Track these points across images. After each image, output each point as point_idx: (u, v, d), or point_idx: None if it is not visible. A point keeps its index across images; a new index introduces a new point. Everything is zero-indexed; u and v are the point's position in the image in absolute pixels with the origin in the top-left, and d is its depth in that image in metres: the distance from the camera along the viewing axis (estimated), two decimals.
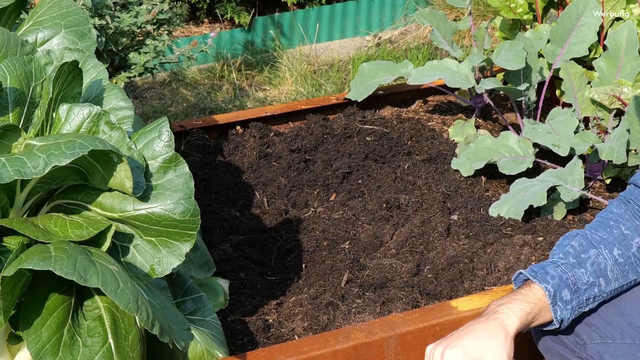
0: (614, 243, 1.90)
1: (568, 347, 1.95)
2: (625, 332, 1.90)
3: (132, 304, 1.62)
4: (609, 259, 1.89)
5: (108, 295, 1.60)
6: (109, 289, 1.60)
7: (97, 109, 1.80)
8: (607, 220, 1.94)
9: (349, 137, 3.00)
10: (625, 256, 1.90)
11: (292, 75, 4.23)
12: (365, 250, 2.47)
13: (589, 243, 1.90)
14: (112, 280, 1.61)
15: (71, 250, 1.62)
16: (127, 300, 1.61)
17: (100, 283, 1.60)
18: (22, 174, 1.61)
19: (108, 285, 1.60)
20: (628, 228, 1.92)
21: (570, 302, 1.86)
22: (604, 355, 1.91)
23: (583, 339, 1.92)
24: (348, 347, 1.98)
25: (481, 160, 2.78)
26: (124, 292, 1.62)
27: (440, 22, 3.14)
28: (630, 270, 1.90)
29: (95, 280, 1.59)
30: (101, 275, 1.61)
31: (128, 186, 1.73)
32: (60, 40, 2.03)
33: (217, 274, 2.30)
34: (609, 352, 1.90)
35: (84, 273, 1.59)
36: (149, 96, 4.15)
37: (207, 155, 2.93)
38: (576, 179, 2.59)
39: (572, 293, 1.86)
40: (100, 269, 1.62)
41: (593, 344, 1.92)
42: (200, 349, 1.90)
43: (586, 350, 1.93)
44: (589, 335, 1.92)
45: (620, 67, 2.81)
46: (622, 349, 1.90)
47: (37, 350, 1.63)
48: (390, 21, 4.94)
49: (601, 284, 1.88)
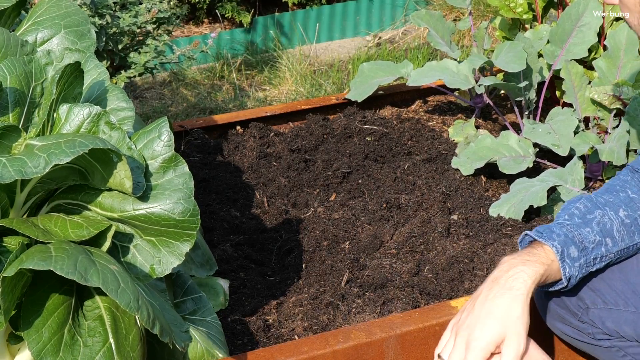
0: (619, 205, 1.90)
1: (570, 310, 1.95)
2: (629, 300, 1.89)
3: (133, 303, 1.62)
4: (615, 220, 1.89)
5: (109, 294, 1.60)
6: (110, 289, 1.60)
7: (97, 109, 1.80)
8: (614, 185, 1.95)
9: (349, 137, 3.01)
10: (631, 217, 1.90)
11: (292, 75, 4.23)
12: (365, 250, 2.47)
13: (594, 205, 1.90)
14: (112, 280, 1.61)
15: (71, 250, 1.63)
16: (128, 300, 1.61)
17: (101, 283, 1.60)
18: (23, 173, 1.61)
19: (109, 285, 1.60)
20: (635, 192, 1.92)
21: (578, 260, 1.85)
22: (606, 321, 1.91)
23: (586, 303, 1.92)
24: (348, 347, 1.98)
25: (481, 160, 2.78)
26: (124, 292, 1.62)
27: (438, 23, 3.14)
28: (637, 231, 1.90)
29: (95, 279, 1.59)
30: (102, 274, 1.61)
31: (128, 186, 1.73)
32: (60, 40, 2.03)
33: (217, 274, 2.31)
34: (611, 319, 1.90)
35: (85, 273, 1.59)
36: (149, 96, 4.15)
37: (207, 155, 2.93)
38: (576, 179, 2.60)
39: (580, 251, 1.85)
40: (100, 268, 1.62)
41: (596, 309, 1.92)
42: (200, 349, 1.90)
43: (588, 314, 1.93)
44: (593, 300, 1.92)
45: (620, 67, 2.81)
46: (624, 316, 1.90)
47: (38, 350, 1.63)
48: (390, 21, 4.94)
49: (608, 244, 1.88)
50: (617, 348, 1.95)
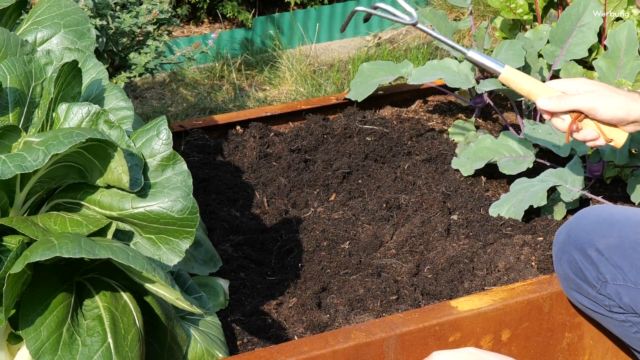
0: None
1: (588, 282, 1.99)
2: None
3: (148, 266, 1.62)
4: None
5: (121, 261, 1.59)
6: (121, 257, 1.60)
7: (95, 108, 1.80)
8: None
9: (349, 137, 3.00)
10: None
11: (292, 75, 4.23)
12: (365, 250, 2.47)
13: None
14: (120, 252, 1.62)
15: (73, 236, 1.63)
16: (142, 264, 1.62)
17: (110, 254, 1.60)
18: (23, 167, 1.61)
19: (118, 255, 1.60)
20: None
21: None
22: (623, 297, 1.94)
23: (605, 277, 1.95)
24: (348, 347, 1.98)
25: (481, 160, 2.78)
26: (135, 258, 1.62)
27: (441, 22, 3.14)
28: None
29: (104, 252, 1.59)
30: (109, 249, 1.61)
31: (125, 181, 1.73)
32: (60, 40, 2.03)
33: (217, 274, 2.30)
34: (629, 296, 1.93)
35: (91, 249, 1.59)
36: (149, 96, 4.15)
37: (207, 155, 2.92)
38: (576, 178, 2.59)
39: None
40: (106, 245, 1.63)
41: (614, 284, 1.95)
42: (200, 349, 1.90)
43: (606, 288, 1.96)
44: (613, 275, 1.95)
45: (620, 67, 2.81)
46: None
47: (36, 348, 1.63)
48: (390, 21, 4.94)
49: None
50: (630, 323, 1.98)
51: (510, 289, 2.16)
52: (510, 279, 2.31)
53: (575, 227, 2.06)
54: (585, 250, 2.00)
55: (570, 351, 2.20)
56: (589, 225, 2.02)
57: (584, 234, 2.01)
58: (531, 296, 2.13)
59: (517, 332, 2.14)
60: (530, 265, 2.36)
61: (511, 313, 2.12)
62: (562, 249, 2.06)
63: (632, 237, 1.95)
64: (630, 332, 1.99)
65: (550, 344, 2.18)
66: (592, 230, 2.01)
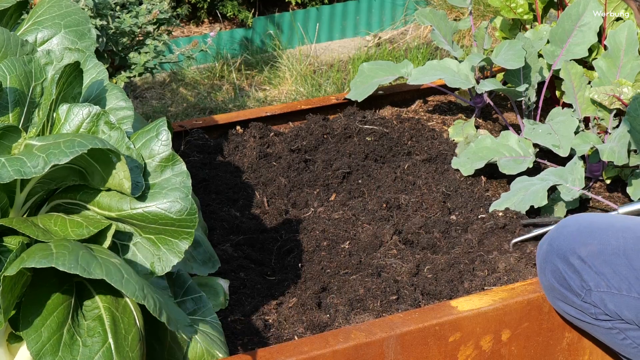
0: None
1: (573, 290, 1.98)
2: (632, 286, 1.91)
3: (139, 292, 1.62)
4: None
5: (114, 285, 1.60)
6: (114, 279, 1.60)
7: (96, 109, 1.80)
8: None
9: (349, 137, 3.00)
10: None
11: (292, 75, 4.23)
12: (365, 250, 2.47)
13: None
14: (116, 272, 1.62)
15: (72, 246, 1.63)
16: (134, 289, 1.62)
17: (105, 274, 1.60)
18: (22, 173, 1.61)
19: (113, 276, 1.61)
20: None
21: None
22: (608, 304, 1.94)
23: (589, 285, 1.95)
24: (348, 347, 1.98)
25: (481, 160, 2.78)
26: (129, 282, 1.62)
27: (441, 22, 3.14)
28: None
29: (99, 272, 1.59)
30: (104, 267, 1.61)
31: (127, 186, 1.74)
32: (60, 40, 2.03)
33: (217, 274, 2.30)
34: (613, 302, 1.93)
35: (87, 266, 1.59)
36: (149, 96, 4.15)
37: (207, 155, 2.93)
38: (577, 178, 2.59)
39: None
40: (102, 262, 1.62)
41: (599, 292, 1.95)
42: (200, 349, 1.90)
43: (591, 296, 1.96)
44: (596, 283, 1.94)
45: (620, 67, 2.81)
46: (626, 302, 1.92)
47: (37, 349, 1.63)
48: (390, 21, 4.94)
49: None
50: (617, 330, 1.98)
51: (510, 289, 2.16)
52: (510, 279, 2.31)
53: (556, 237, 2.05)
54: (568, 258, 1.99)
55: (570, 351, 2.21)
56: (570, 234, 2.02)
57: (566, 242, 2.01)
58: (531, 296, 2.13)
59: (517, 332, 2.14)
60: (531, 266, 2.37)
61: (511, 313, 2.12)
62: (545, 260, 2.05)
63: (613, 244, 1.95)
64: (617, 340, 1.99)
65: (550, 344, 2.19)
66: (574, 238, 2.00)
